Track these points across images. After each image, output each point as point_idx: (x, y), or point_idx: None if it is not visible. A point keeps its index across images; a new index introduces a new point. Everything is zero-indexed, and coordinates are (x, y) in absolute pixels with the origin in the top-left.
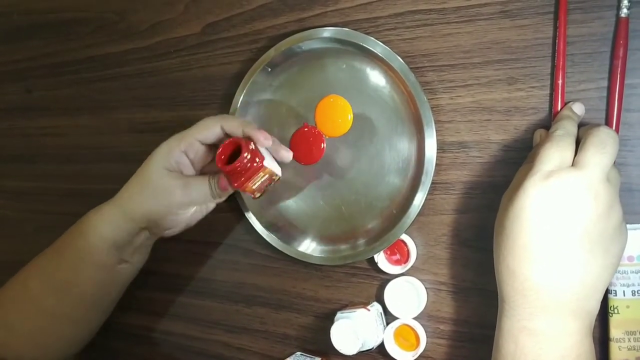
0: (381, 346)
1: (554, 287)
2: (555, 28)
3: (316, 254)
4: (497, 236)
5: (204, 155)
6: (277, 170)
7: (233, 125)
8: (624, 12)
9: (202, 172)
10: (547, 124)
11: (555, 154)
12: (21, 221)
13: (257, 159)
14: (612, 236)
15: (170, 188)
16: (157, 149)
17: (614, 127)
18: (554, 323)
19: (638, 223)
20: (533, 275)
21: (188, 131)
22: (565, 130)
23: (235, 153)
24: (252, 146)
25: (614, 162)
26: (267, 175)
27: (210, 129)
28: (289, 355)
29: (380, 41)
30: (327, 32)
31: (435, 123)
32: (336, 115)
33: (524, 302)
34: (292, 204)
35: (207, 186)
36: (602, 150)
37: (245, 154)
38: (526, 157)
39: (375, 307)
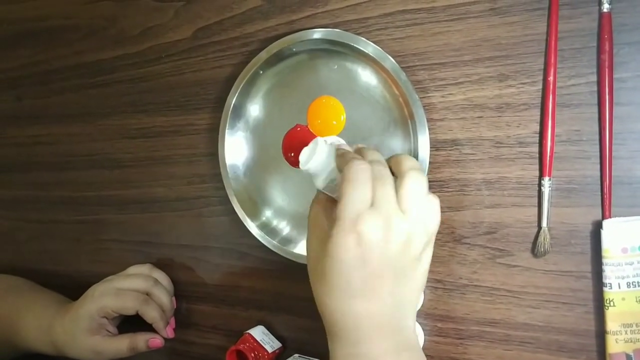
0: None
1: (367, 316)
2: (548, 25)
3: None
4: (315, 280)
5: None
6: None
7: (150, 316)
8: (606, 7)
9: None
10: (538, 119)
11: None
12: (14, 230)
13: (260, 354)
14: (412, 265)
15: (86, 352)
16: (81, 315)
17: (607, 122)
18: (372, 346)
19: (630, 216)
20: (351, 309)
21: (108, 301)
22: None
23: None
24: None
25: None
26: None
27: (127, 309)
28: (286, 358)
29: (371, 41)
30: (318, 33)
31: (427, 121)
32: (329, 116)
33: (346, 333)
34: (287, 206)
35: (124, 350)
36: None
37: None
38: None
39: None
